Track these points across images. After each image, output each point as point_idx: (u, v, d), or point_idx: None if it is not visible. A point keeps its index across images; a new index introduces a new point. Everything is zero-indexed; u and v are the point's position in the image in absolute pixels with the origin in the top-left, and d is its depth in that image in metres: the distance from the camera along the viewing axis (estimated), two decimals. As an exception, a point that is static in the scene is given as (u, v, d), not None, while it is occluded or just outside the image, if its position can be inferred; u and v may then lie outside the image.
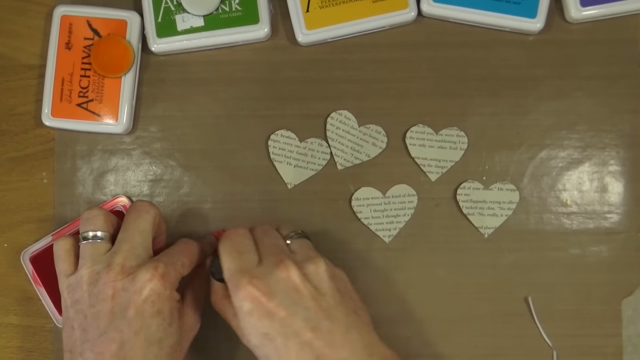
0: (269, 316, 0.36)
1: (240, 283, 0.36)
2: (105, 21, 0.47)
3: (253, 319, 0.36)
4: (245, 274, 0.36)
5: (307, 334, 0.35)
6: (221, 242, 0.39)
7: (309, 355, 0.35)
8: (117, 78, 0.47)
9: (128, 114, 0.47)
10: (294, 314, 0.36)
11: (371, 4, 0.47)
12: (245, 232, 0.40)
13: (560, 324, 0.47)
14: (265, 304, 0.36)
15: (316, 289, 0.37)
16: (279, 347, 0.35)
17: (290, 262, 0.37)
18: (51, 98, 0.47)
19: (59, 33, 0.47)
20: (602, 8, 0.46)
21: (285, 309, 0.36)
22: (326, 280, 0.38)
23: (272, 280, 0.36)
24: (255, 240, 0.40)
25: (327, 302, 0.37)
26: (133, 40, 0.47)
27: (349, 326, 0.36)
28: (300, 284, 0.37)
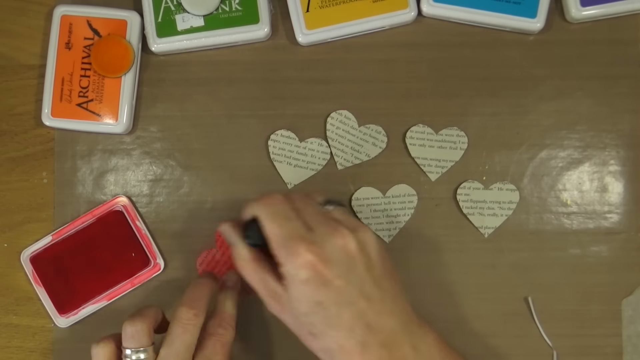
0: (325, 284, 0.35)
1: (296, 250, 0.35)
2: (105, 21, 0.47)
3: (309, 287, 0.35)
4: (301, 241, 0.36)
5: (361, 303, 0.35)
6: (260, 208, 0.38)
7: (360, 324, 0.35)
8: (117, 78, 0.47)
9: (128, 114, 0.47)
10: (350, 282, 0.35)
11: (371, 4, 0.47)
12: (285, 199, 0.39)
13: (560, 324, 0.47)
14: (322, 272, 0.35)
15: (368, 257, 0.37)
16: (331, 315, 0.35)
17: (347, 230, 0.37)
18: (51, 98, 0.47)
19: (59, 33, 0.47)
20: (602, 8, 0.46)
21: (342, 277, 0.35)
22: (375, 249, 0.38)
23: (330, 248, 0.36)
24: (297, 208, 0.38)
25: (377, 272, 0.37)
26: (133, 40, 0.47)
27: (395, 296, 0.37)
28: (357, 252, 0.36)
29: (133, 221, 0.47)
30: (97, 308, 0.47)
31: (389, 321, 0.36)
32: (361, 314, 0.35)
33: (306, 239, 0.36)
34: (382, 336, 0.36)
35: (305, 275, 0.35)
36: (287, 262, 0.36)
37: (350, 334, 0.35)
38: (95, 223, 0.47)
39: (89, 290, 0.47)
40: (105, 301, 0.47)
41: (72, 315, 0.47)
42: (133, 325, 0.38)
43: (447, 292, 0.47)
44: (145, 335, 0.38)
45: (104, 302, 0.47)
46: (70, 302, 0.47)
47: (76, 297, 0.47)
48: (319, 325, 0.36)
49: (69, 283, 0.47)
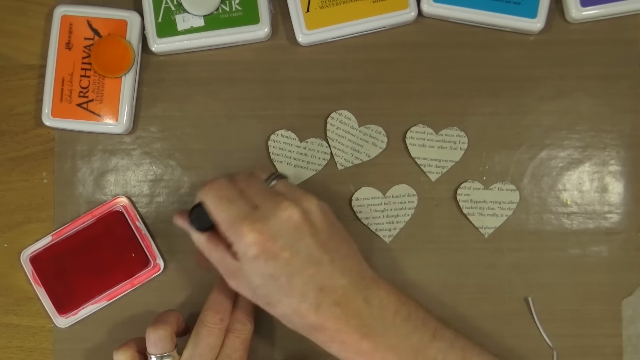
0: (274, 258, 0.37)
1: (241, 230, 0.37)
2: (106, 21, 0.47)
3: (259, 262, 0.37)
4: (246, 220, 0.37)
5: (310, 269, 0.37)
6: (205, 194, 0.39)
7: (312, 288, 0.37)
8: (117, 78, 0.47)
9: (128, 114, 0.47)
10: (297, 252, 0.37)
11: (371, 4, 0.47)
12: (228, 183, 0.40)
13: (560, 324, 0.47)
14: (270, 247, 0.37)
15: (313, 225, 0.38)
16: (283, 285, 0.37)
17: (290, 203, 0.38)
18: (51, 98, 0.47)
19: (59, 33, 0.47)
20: (602, 8, 0.46)
21: (289, 249, 0.37)
22: (319, 214, 0.39)
23: (274, 222, 0.37)
24: (241, 189, 0.40)
25: (324, 236, 0.38)
26: (133, 40, 0.47)
27: (344, 256, 0.39)
28: (301, 222, 0.38)
29: (133, 221, 0.47)
30: (97, 308, 0.47)
31: (340, 280, 0.38)
32: (311, 278, 0.37)
33: (250, 217, 0.37)
34: (334, 295, 0.37)
35: (254, 252, 0.37)
36: (235, 242, 0.37)
37: (303, 298, 0.37)
38: (95, 223, 0.47)
39: (88, 291, 0.47)
40: (105, 301, 0.47)
41: (71, 315, 0.47)
42: (156, 332, 0.40)
43: (447, 292, 0.47)
44: (168, 340, 0.41)
45: (103, 303, 0.47)
46: (70, 302, 0.47)
47: (76, 297, 0.47)
48: (273, 295, 0.38)
49: (68, 283, 0.47)
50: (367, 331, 0.38)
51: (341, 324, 0.37)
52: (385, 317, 0.38)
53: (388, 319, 0.38)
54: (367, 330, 0.38)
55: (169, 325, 0.41)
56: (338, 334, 0.38)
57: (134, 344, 0.42)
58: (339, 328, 0.37)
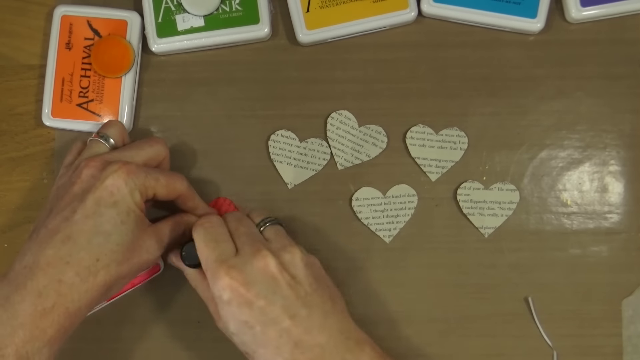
0: (247, 305, 0.36)
1: (218, 273, 0.37)
2: (106, 21, 0.47)
3: (232, 307, 0.37)
4: (223, 264, 0.37)
5: (286, 321, 0.36)
6: (196, 231, 0.40)
7: (287, 342, 0.36)
8: (117, 78, 0.47)
9: (128, 114, 0.47)
10: (273, 302, 0.36)
11: (371, 4, 0.47)
12: (220, 221, 0.41)
13: (560, 324, 0.47)
14: (244, 294, 0.36)
15: (293, 277, 0.38)
16: (257, 334, 0.36)
17: (267, 252, 0.38)
18: (51, 98, 0.47)
19: (59, 33, 0.47)
20: (602, 8, 0.46)
21: (263, 298, 0.36)
22: (302, 268, 0.39)
23: (250, 270, 0.37)
24: (230, 230, 0.40)
25: (304, 290, 0.38)
26: (133, 40, 0.47)
27: (326, 313, 0.38)
28: (278, 273, 0.37)
29: None
30: (97, 308, 0.47)
31: (318, 338, 0.36)
32: (286, 332, 0.36)
33: (227, 262, 0.37)
34: (311, 354, 0.36)
35: (227, 297, 0.37)
36: (212, 284, 0.38)
37: (277, 352, 0.36)
38: None
39: None
40: (104, 301, 0.47)
41: None
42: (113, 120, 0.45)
43: (447, 292, 0.47)
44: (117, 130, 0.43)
45: (103, 303, 0.47)
46: None
47: None
48: (249, 344, 0.37)
49: None
50: None
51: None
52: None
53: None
54: None
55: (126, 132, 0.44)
56: None
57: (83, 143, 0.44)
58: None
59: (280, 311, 0.36)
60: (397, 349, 0.46)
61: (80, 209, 0.37)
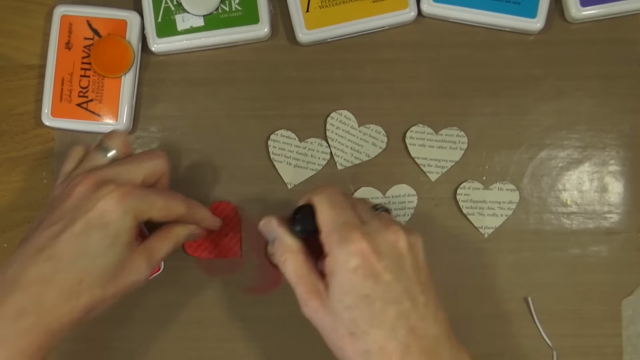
0: (374, 277, 0.34)
1: (350, 236, 0.34)
2: (105, 21, 0.47)
3: (357, 277, 0.34)
4: (355, 228, 0.35)
5: (406, 303, 0.34)
6: (317, 197, 0.37)
7: (404, 325, 0.34)
8: (117, 78, 0.47)
9: (128, 114, 0.47)
10: (398, 279, 0.34)
11: (371, 4, 0.47)
12: (341, 192, 0.38)
13: (560, 324, 0.47)
14: (373, 264, 0.34)
15: (416, 260, 0.36)
16: (376, 311, 0.34)
17: (399, 227, 0.36)
18: (51, 98, 0.47)
19: (59, 33, 0.47)
20: (602, 8, 0.46)
21: (391, 272, 0.34)
22: (422, 254, 0.37)
23: (382, 241, 0.35)
24: (352, 202, 0.38)
25: (424, 276, 0.36)
26: (133, 40, 0.47)
27: (438, 305, 0.36)
28: (406, 251, 0.35)
29: None
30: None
31: (432, 328, 0.35)
32: (406, 314, 0.34)
33: (360, 227, 0.35)
34: (424, 342, 0.34)
35: (356, 263, 0.34)
36: (338, 249, 0.35)
37: (393, 334, 0.34)
38: None
39: None
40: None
41: None
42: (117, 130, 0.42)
43: (447, 292, 0.47)
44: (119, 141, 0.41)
45: None
46: None
47: None
48: (361, 323, 0.34)
49: None
50: None
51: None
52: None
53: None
54: None
55: (129, 144, 0.42)
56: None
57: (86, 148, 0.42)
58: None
59: (403, 291, 0.34)
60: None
61: (69, 229, 0.36)
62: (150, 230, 0.42)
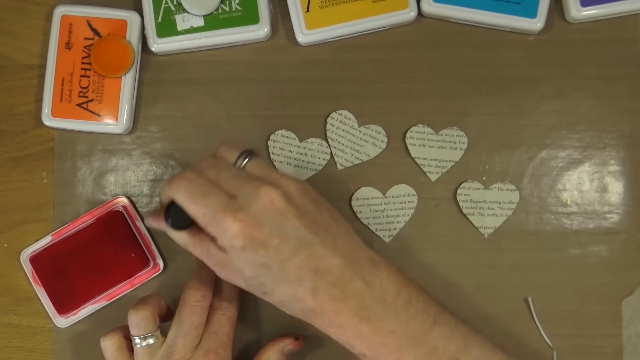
0: (263, 247, 0.35)
1: (224, 223, 0.35)
2: (105, 21, 0.47)
3: (247, 253, 0.35)
4: (226, 212, 0.35)
5: (302, 252, 0.36)
6: (175, 191, 0.37)
7: (307, 272, 0.36)
8: (117, 78, 0.47)
9: (128, 114, 0.47)
10: (286, 238, 0.35)
11: (371, 4, 0.47)
12: (196, 174, 0.37)
13: (560, 324, 0.47)
14: (257, 236, 0.35)
15: (297, 207, 0.36)
16: (277, 273, 0.35)
17: (270, 187, 0.36)
18: (51, 98, 0.47)
19: (59, 33, 0.47)
20: (602, 8, 0.46)
21: (277, 235, 0.35)
22: (300, 196, 0.37)
23: (256, 210, 0.35)
24: (212, 178, 0.37)
25: (310, 218, 0.37)
26: (133, 40, 0.47)
27: (334, 235, 0.37)
28: (284, 205, 0.36)
29: (133, 221, 0.47)
30: (96, 308, 0.47)
31: (334, 260, 0.36)
32: (305, 262, 0.35)
33: (230, 208, 0.35)
34: (331, 276, 0.36)
35: (240, 244, 0.35)
36: (219, 236, 0.36)
37: (299, 283, 0.36)
38: (95, 223, 0.47)
39: (88, 291, 0.47)
40: (105, 301, 0.47)
41: (71, 315, 0.47)
42: (138, 313, 0.40)
43: (447, 292, 0.47)
44: (150, 321, 0.40)
45: (103, 303, 0.47)
46: (70, 302, 0.47)
47: (76, 297, 0.47)
48: (268, 284, 0.36)
49: (68, 283, 0.47)
50: (367, 314, 0.36)
51: (339, 306, 0.36)
52: (386, 300, 0.37)
53: (388, 302, 0.37)
54: (366, 314, 0.36)
55: (150, 306, 0.40)
56: (336, 317, 0.36)
57: (120, 330, 0.41)
58: (337, 310, 0.36)
59: (295, 244, 0.35)
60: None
61: None
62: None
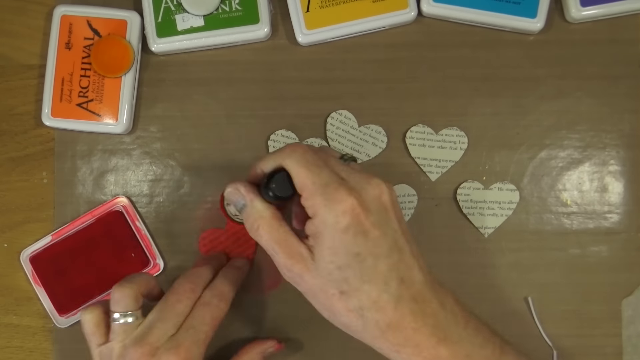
0: (364, 234, 0.34)
1: (337, 196, 0.33)
2: (105, 21, 0.47)
3: (347, 236, 0.34)
4: (341, 186, 0.34)
5: (395, 255, 0.35)
6: (289, 157, 0.35)
7: (395, 277, 0.34)
8: (117, 78, 0.47)
9: (128, 114, 0.47)
10: (386, 234, 0.34)
11: (371, 4, 0.47)
12: (310, 149, 0.36)
13: (560, 324, 0.47)
14: (362, 220, 0.34)
15: (398, 211, 0.36)
16: (367, 268, 0.34)
17: (380, 180, 0.35)
18: (51, 98, 0.47)
19: (59, 33, 0.47)
20: (602, 8, 0.46)
21: (379, 227, 0.34)
22: (398, 205, 0.37)
23: (366, 196, 0.34)
24: (323, 159, 0.36)
25: (404, 226, 0.36)
26: (133, 40, 0.47)
27: (419, 253, 0.36)
28: (390, 204, 0.35)
29: (133, 221, 0.47)
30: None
31: (418, 275, 0.35)
32: (395, 266, 0.34)
33: (344, 184, 0.34)
34: (413, 290, 0.35)
35: (346, 223, 0.33)
36: (326, 210, 0.34)
37: (385, 288, 0.34)
38: (95, 223, 0.47)
39: (88, 290, 0.47)
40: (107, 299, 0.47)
41: (71, 315, 0.47)
42: (120, 290, 0.39)
43: (447, 292, 0.47)
44: (132, 299, 0.38)
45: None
46: (70, 302, 0.47)
47: (76, 297, 0.47)
48: (352, 280, 0.34)
49: (68, 283, 0.47)
50: (444, 336, 0.35)
51: (419, 323, 0.34)
52: (459, 323, 0.36)
53: (461, 326, 0.36)
54: (443, 335, 0.35)
55: (135, 285, 0.39)
56: (414, 334, 0.34)
57: (101, 305, 0.40)
58: (416, 327, 0.34)
59: (391, 244, 0.34)
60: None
61: None
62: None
